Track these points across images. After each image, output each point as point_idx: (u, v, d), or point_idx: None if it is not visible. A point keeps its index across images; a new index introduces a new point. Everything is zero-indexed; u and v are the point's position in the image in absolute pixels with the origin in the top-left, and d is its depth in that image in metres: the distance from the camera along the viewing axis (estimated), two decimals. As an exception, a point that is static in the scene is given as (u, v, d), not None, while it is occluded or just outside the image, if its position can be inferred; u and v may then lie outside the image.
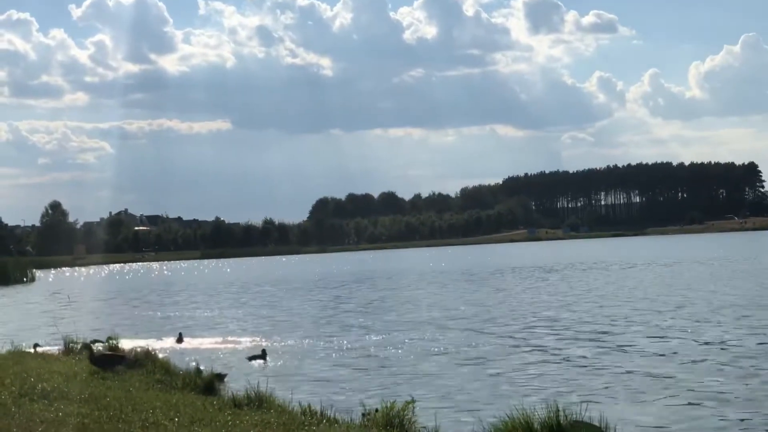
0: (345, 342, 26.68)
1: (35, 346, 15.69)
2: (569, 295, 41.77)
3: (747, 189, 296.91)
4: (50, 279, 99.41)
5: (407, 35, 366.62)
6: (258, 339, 28.28)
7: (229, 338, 29.20)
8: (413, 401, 12.63)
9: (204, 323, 35.69)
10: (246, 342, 27.75)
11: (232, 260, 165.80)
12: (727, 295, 36.48)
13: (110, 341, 22.17)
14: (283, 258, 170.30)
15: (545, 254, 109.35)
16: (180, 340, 28.42)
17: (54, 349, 23.14)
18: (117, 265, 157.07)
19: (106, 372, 15.04)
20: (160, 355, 20.40)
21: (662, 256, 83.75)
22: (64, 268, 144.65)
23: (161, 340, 29.16)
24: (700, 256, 76.85)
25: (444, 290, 50.82)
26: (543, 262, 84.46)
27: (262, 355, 23.16)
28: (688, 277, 49.82)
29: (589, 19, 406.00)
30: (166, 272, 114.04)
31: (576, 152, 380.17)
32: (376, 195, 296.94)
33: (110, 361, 15.55)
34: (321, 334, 29.38)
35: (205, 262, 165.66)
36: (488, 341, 25.59)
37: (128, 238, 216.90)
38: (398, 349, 24.64)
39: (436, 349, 24.18)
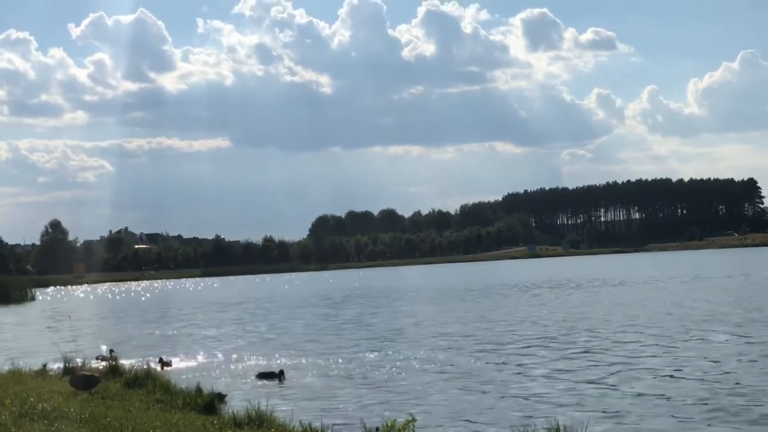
0: (346, 360, 26.62)
1: (44, 366, 15.66)
2: (568, 312, 41.69)
3: (746, 205, 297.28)
4: (50, 298, 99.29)
5: (406, 52, 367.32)
6: (261, 358, 28.23)
7: (233, 357, 29.13)
8: (414, 419, 12.59)
9: (203, 341, 35.59)
10: (250, 361, 27.68)
11: (232, 278, 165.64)
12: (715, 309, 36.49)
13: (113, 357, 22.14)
14: (284, 276, 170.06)
15: (545, 271, 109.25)
16: (167, 364, 26.92)
17: (55, 367, 23.09)
18: (117, 284, 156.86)
19: (82, 392, 14.94)
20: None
21: (667, 273, 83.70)
22: (64, 287, 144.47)
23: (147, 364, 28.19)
24: (698, 274, 76.86)
25: (444, 308, 50.72)
26: (543, 279, 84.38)
27: (279, 374, 23.05)
28: (687, 294, 49.86)
29: (587, 36, 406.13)
30: (166, 290, 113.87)
31: (575, 169, 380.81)
32: (376, 212, 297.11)
33: (87, 382, 15.44)
34: (322, 352, 29.31)
35: (206, 280, 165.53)
36: (489, 359, 25.54)
37: (128, 257, 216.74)
38: (399, 367, 24.58)
39: (437, 368, 24.13)
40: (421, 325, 38.66)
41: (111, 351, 29.06)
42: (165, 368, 25.91)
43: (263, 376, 23.11)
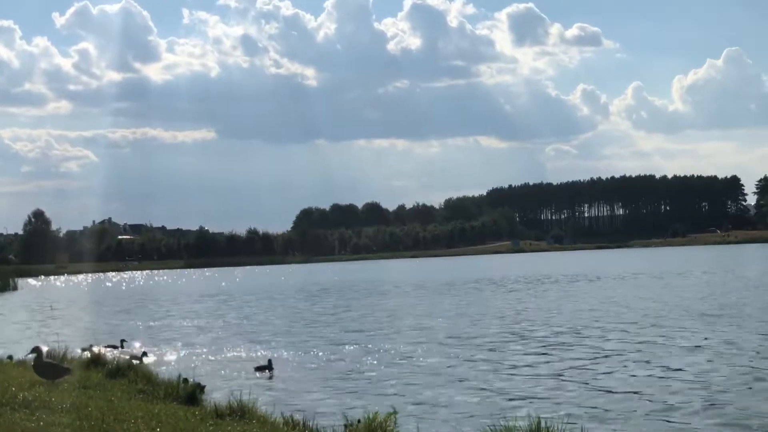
0: (327, 353, 26.68)
1: (34, 350, 15.54)
2: (548, 307, 41.85)
3: (729, 202, 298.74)
4: (33, 287, 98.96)
5: (391, 46, 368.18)
6: (243, 349, 28.27)
7: (214, 348, 29.15)
8: (395, 412, 12.66)
9: (184, 333, 35.57)
10: (232, 352, 27.72)
11: (216, 270, 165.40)
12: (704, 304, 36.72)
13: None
14: (267, 268, 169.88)
15: (527, 266, 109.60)
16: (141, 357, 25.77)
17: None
18: (100, 274, 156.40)
19: (47, 381, 14.85)
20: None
21: (649, 268, 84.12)
22: (47, 277, 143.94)
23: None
24: (679, 269, 77.27)
25: (426, 301, 50.84)
26: (526, 274, 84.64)
27: (269, 366, 23.03)
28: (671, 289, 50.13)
29: (573, 31, 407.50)
30: (151, 281, 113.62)
31: (560, 164, 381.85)
32: (360, 205, 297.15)
33: (54, 371, 15.27)
34: (304, 344, 29.36)
35: (189, 271, 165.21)
36: (470, 353, 25.64)
37: (112, 247, 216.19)
38: (380, 360, 24.66)
39: (418, 361, 24.21)
40: (401, 319, 38.73)
41: (123, 341, 29.14)
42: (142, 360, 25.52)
43: (257, 369, 22.96)
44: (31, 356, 15.70)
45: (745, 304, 37.77)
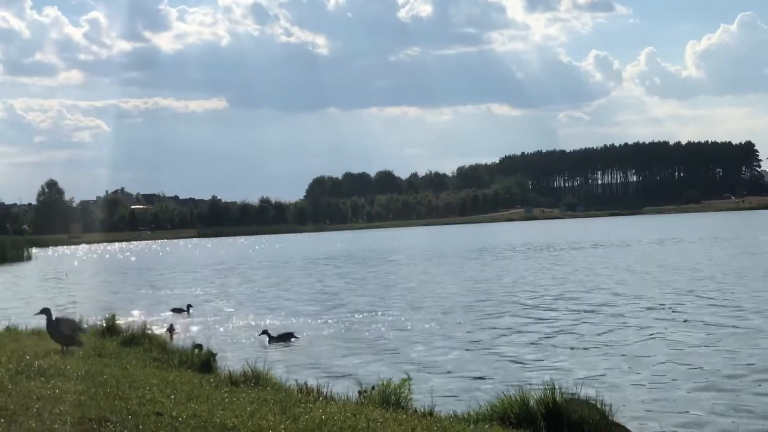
0: (342, 321, 26.72)
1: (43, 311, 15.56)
2: (563, 274, 41.81)
3: (744, 168, 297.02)
4: (47, 257, 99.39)
5: (402, 13, 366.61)
6: (255, 318, 28.34)
7: (229, 317, 29.23)
8: (409, 379, 12.62)
9: (197, 301, 35.67)
10: (250, 321, 27.79)
11: (229, 239, 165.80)
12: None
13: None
14: (279, 237, 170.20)
15: (538, 234, 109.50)
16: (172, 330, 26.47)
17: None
18: (114, 244, 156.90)
19: (61, 347, 14.82)
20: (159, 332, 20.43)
21: (667, 235, 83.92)
22: (60, 247, 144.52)
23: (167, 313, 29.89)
24: (692, 236, 77.08)
25: (440, 269, 50.84)
26: (538, 241, 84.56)
27: (290, 336, 22.91)
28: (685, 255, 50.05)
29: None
30: (167, 248, 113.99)
31: (572, 131, 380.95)
32: (372, 174, 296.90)
33: (70, 340, 15.21)
34: (316, 313, 29.41)
35: (202, 240, 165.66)
36: (483, 321, 25.65)
37: (125, 217, 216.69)
38: (395, 327, 24.68)
39: (433, 328, 24.22)
40: (414, 287, 38.74)
41: (189, 306, 29.61)
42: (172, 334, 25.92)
43: (277, 338, 22.78)
44: (41, 316, 15.66)
45: None
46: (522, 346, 20.39)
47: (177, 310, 30.08)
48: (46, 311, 15.36)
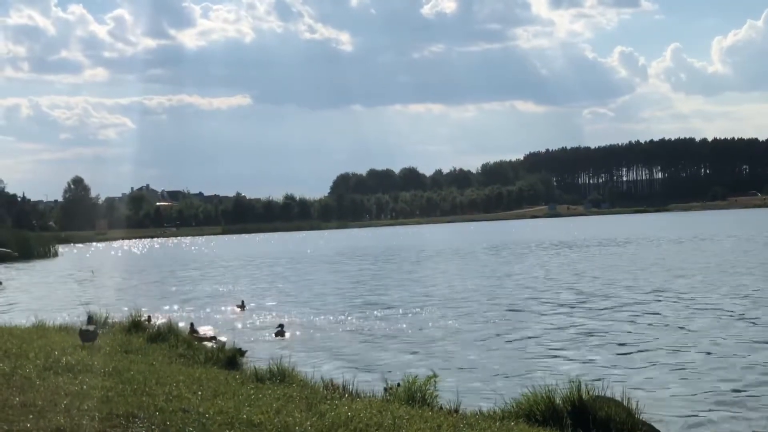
0: (365, 318, 26.72)
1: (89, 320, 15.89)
2: (588, 271, 41.64)
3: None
4: (73, 254, 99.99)
5: (426, 10, 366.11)
6: (277, 314, 28.38)
7: (254, 313, 29.30)
8: (435, 376, 12.62)
9: (222, 298, 35.76)
10: (266, 317, 27.85)
11: (254, 236, 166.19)
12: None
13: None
14: (305, 234, 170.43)
15: (561, 232, 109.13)
16: (242, 307, 30.30)
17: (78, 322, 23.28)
18: (139, 241, 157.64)
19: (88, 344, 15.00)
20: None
21: (695, 233, 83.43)
22: (86, 244, 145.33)
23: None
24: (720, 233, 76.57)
25: (465, 266, 50.77)
26: (563, 238, 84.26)
27: (280, 331, 23.04)
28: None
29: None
30: (194, 246, 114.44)
31: (597, 128, 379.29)
32: (397, 171, 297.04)
33: (88, 336, 15.41)
34: (342, 309, 29.42)
35: (227, 237, 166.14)
36: (509, 317, 25.58)
37: (150, 214, 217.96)
38: (420, 324, 24.65)
39: (458, 325, 24.18)
40: (439, 283, 38.70)
41: (243, 301, 30.38)
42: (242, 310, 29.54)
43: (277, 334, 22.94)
44: (87, 327, 15.86)
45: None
46: (548, 344, 20.32)
47: (240, 306, 30.46)
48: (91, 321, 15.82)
